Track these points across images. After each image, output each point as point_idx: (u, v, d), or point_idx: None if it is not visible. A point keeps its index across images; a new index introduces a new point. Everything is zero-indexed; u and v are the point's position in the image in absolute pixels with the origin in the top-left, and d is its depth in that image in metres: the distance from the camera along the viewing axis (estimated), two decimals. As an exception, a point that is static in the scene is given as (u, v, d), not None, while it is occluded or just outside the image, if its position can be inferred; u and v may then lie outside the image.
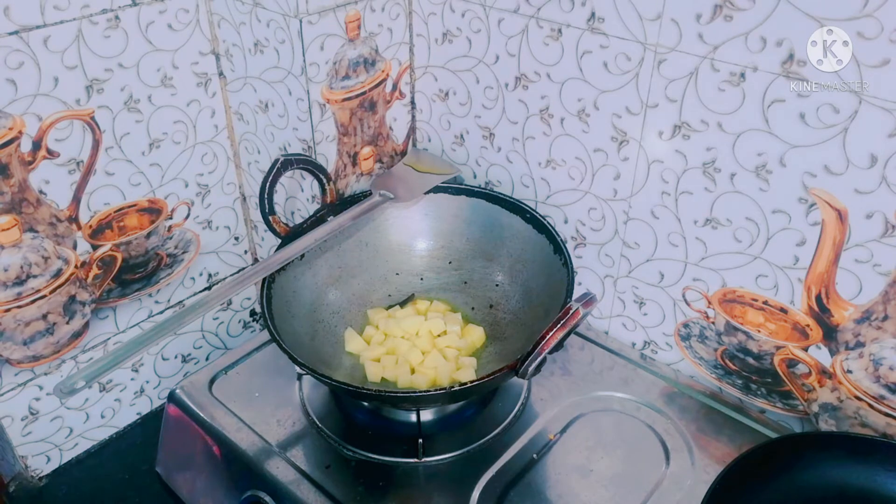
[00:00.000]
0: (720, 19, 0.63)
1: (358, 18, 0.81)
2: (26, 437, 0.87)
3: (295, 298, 0.80)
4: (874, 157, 0.60)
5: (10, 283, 0.77)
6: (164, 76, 0.83)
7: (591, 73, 0.74)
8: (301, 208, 0.91)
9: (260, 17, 0.79)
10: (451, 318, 0.83)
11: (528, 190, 0.88)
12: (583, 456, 0.73)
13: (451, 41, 0.86)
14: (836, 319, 0.68)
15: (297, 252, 0.77)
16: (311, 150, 0.84)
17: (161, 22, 0.80)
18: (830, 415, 0.73)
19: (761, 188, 0.67)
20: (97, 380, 0.65)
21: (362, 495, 0.70)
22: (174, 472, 0.83)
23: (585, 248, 0.86)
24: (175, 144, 0.88)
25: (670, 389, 0.81)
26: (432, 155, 0.96)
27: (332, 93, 0.83)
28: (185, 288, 0.97)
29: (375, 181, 0.89)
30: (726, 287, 0.75)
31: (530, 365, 0.63)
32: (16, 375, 0.83)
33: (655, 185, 0.75)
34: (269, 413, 0.79)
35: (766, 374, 0.76)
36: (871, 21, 0.55)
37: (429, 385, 0.76)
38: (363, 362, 0.80)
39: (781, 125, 0.64)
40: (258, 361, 0.86)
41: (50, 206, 0.79)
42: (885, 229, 0.61)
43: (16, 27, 0.69)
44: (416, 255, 0.90)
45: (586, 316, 0.64)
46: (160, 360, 0.99)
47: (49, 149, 0.76)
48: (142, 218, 0.88)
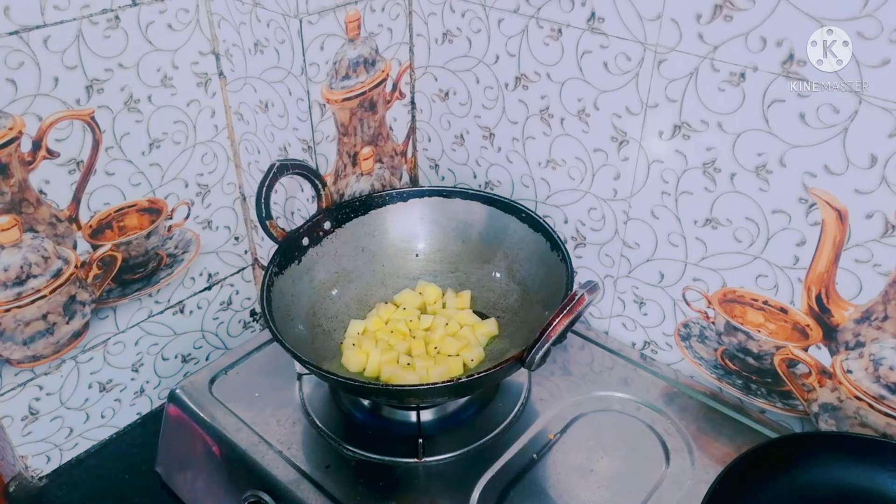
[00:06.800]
0: (720, 19, 0.63)
1: (358, 18, 0.81)
2: (26, 437, 0.87)
3: (294, 302, 0.80)
4: (874, 157, 0.60)
5: (10, 283, 0.77)
6: (164, 76, 0.83)
7: (591, 73, 0.74)
8: (301, 208, 0.91)
9: (260, 17, 0.79)
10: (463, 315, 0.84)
11: (528, 190, 0.88)
12: (583, 456, 0.73)
13: (451, 41, 0.86)
14: (836, 319, 0.68)
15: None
16: (311, 150, 0.84)
17: (161, 22, 0.80)
18: (830, 415, 0.73)
19: (761, 188, 0.67)
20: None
21: (362, 495, 0.70)
22: (174, 472, 0.83)
23: (585, 248, 0.86)
24: (175, 144, 0.88)
25: (670, 389, 0.81)
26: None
27: (332, 93, 0.83)
28: (185, 288, 0.97)
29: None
30: (726, 287, 0.75)
31: (536, 354, 0.63)
32: (16, 375, 0.83)
33: (655, 185, 0.75)
34: (269, 413, 0.79)
35: (766, 374, 0.76)
36: (871, 21, 0.55)
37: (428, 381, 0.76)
38: (365, 353, 0.79)
39: (781, 125, 0.63)
40: (258, 361, 0.86)
41: (50, 206, 0.79)
42: (885, 229, 0.61)
43: (16, 27, 0.69)
44: (413, 259, 0.90)
45: (591, 304, 0.63)
46: (160, 360, 0.99)
47: (49, 149, 0.76)
48: (142, 218, 0.88)
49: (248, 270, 1.05)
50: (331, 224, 0.86)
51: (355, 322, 0.83)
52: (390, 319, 0.83)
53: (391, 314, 0.84)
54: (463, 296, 0.86)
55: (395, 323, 0.82)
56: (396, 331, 0.81)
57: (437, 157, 0.97)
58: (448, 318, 0.82)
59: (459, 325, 0.82)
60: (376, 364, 0.77)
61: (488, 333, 0.82)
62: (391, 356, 0.78)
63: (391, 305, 0.86)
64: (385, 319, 0.83)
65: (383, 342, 0.80)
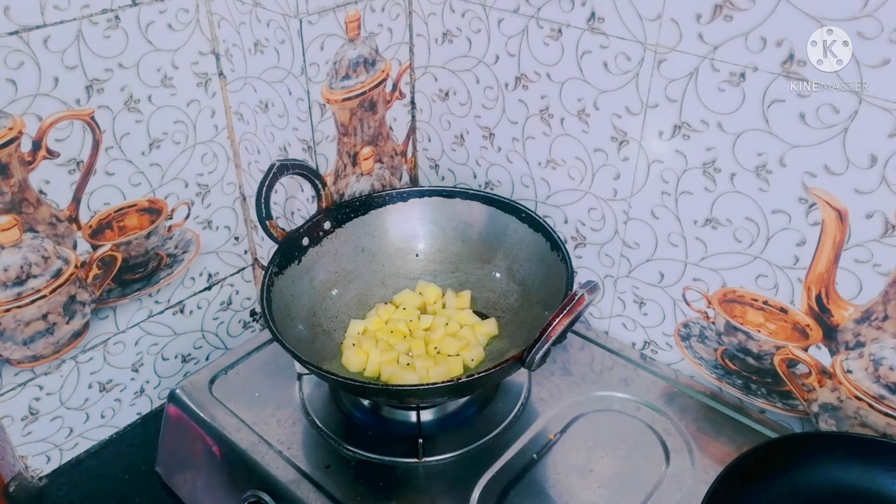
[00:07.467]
0: (720, 19, 0.63)
1: (358, 18, 0.81)
2: (26, 437, 0.87)
3: (294, 302, 0.80)
4: (874, 157, 0.60)
5: (10, 283, 0.77)
6: (164, 76, 0.83)
7: (591, 73, 0.74)
8: (301, 208, 0.91)
9: (260, 17, 0.79)
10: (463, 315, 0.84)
11: (528, 190, 0.88)
12: (583, 456, 0.73)
13: (451, 41, 0.86)
14: (836, 319, 0.68)
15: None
16: (311, 150, 0.84)
17: (161, 22, 0.80)
18: (830, 415, 0.73)
19: (761, 188, 0.67)
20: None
21: (362, 495, 0.70)
22: (174, 472, 0.83)
23: (585, 248, 0.86)
24: (175, 144, 0.88)
25: (670, 389, 0.81)
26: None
27: (332, 93, 0.83)
28: (185, 288, 0.97)
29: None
30: (726, 287, 0.75)
31: (537, 353, 0.63)
32: (16, 375, 0.83)
33: (655, 185, 0.75)
34: (269, 413, 0.79)
35: (766, 374, 0.76)
36: (871, 21, 0.55)
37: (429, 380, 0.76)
38: (365, 352, 0.79)
39: (781, 125, 0.63)
40: (258, 361, 0.86)
41: (50, 206, 0.79)
42: (885, 229, 0.61)
43: (16, 27, 0.69)
44: (413, 259, 0.90)
45: (591, 304, 0.63)
46: (160, 360, 0.99)
47: (49, 149, 0.76)
48: (142, 218, 0.88)
49: (248, 270, 1.05)
50: (331, 224, 0.86)
51: (355, 322, 0.83)
52: (390, 319, 0.83)
53: (391, 314, 0.84)
54: (463, 296, 0.86)
55: (395, 323, 0.82)
56: (396, 331, 0.81)
57: (437, 157, 0.97)
58: (448, 318, 0.82)
59: (459, 325, 0.82)
60: (376, 364, 0.77)
61: (488, 333, 0.82)
62: (391, 356, 0.78)
63: (391, 305, 0.86)
64: (385, 319, 0.83)
65: (383, 342, 0.80)
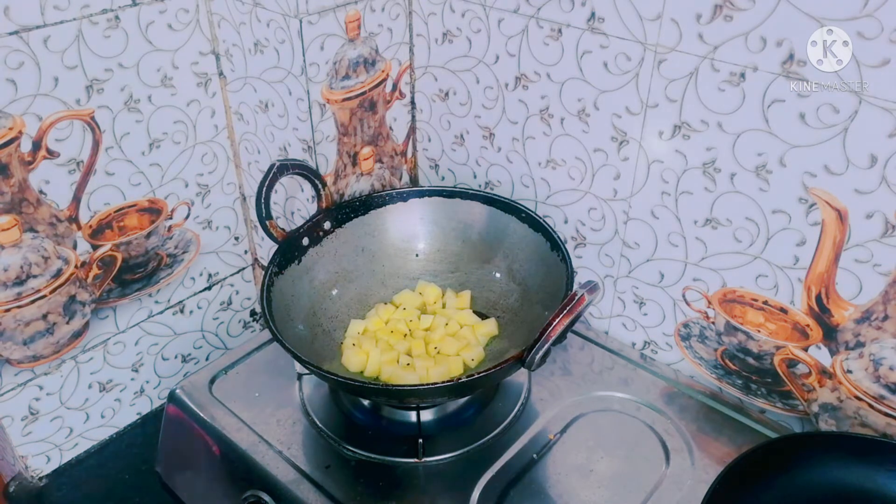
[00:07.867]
0: (720, 19, 0.63)
1: (358, 18, 0.81)
2: (26, 437, 0.87)
3: (294, 302, 0.80)
4: (874, 157, 0.60)
5: (10, 283, 0.77)
6: (164, 76, 0.83)
7: (591, 73, 0.74)
8: (301, 208, 0.91)
9: (260, 17, 0.79)
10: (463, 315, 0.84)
11: (528, 190, 0.88)
12: (583, 456, 0.73)
13: (451, 41, 0.86)
14: (836, 319, 0.68)
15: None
16: (311, 150, 0.84)
17: (161, 22, 0.80)
18: (830, 415, 0.73)
19: (761, 188, 0.67)
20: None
21: (362, 495, 0.70)
22: (174, 472, 0.83)
23: (585, 248, 0.86)
24: (175, 144, 0.88)
25: (670, 389, 0.81)
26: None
27: (332, 93, 0.83)
28: (185, 288, 0.97)
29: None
30: (726, 287, 0.75)
31: (536, 354, 0.63)
32: (16, 375, 0.83)
33: (655, 185, 0.75)
34: (269, 413, 0.79)
35: (766, 374, 0.76)
36: (871, 21, 0.55)
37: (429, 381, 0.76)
38: (366, 352, 0.79)
39: (781, 125, 0.63)
40: (258, 361, 0.86)
41: (50, 206, 0.79)
42: (885, 229, 0.61)
43: (16, 27, 0.69)
44: (413, 259, 0.90)
45: (591, 304, 0.63)
46: (160, 360, 0.99)
47: (49, 149, 0.76)
48: (142, 218, 0.88)
49: (248, 270, 1.05)
50: (331, 224, 0.86)
51: (355, 322, 0.83)
52: (390, 319, 0.83)
53: (391, 314, 0.84)
54: (463, 296, 0.86)
55: (395, 323, 0.82)
56: (396, 331, 0.81)
57: (437, 157, 0.97)
58: (448, 318, 0.82)
59: (459, 325, 0.82)
60: (376, 364, 0.77)
61: (488, 333, 0.82)
62: (391, 356, 0.78)
63: (391, 305, 0.86)
64: (385, 319, 0.83)
65: (383, 342, 0.80)
